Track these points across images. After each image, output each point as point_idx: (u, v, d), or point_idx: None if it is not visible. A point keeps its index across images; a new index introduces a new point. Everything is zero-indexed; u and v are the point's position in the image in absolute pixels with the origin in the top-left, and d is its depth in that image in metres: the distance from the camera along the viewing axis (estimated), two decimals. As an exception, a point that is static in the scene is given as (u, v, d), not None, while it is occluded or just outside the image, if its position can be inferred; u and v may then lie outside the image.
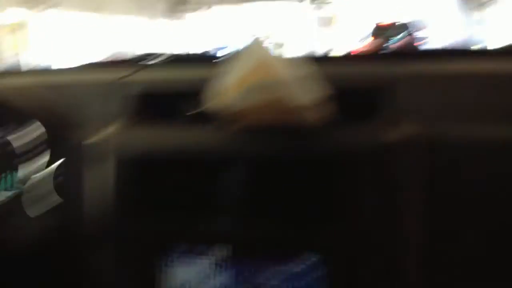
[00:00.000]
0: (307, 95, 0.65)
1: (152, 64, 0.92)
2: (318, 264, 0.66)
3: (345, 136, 0.68)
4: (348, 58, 0.99)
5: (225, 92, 0.67)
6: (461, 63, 0.80)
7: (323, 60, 0.91)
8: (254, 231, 0.68)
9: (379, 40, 8.08)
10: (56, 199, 0.87)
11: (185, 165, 0.71)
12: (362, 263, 0.66)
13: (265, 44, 0.68)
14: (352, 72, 0.81)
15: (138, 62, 0.93)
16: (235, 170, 0.69)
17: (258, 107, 0.66)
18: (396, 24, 8.52)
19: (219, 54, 1.02)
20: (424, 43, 8.27)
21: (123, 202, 0.71)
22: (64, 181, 0.77)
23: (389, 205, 0.65)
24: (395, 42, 7.98)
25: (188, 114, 0.77)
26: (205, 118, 0.71)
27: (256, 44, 0.68)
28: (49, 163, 0.77)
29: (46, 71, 1.02)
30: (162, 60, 0.94)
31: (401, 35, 8.14)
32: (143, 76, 0.87)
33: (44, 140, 0.87)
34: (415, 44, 8.09)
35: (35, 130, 0.85)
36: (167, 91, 0.82)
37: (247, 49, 0.68)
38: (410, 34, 8.21)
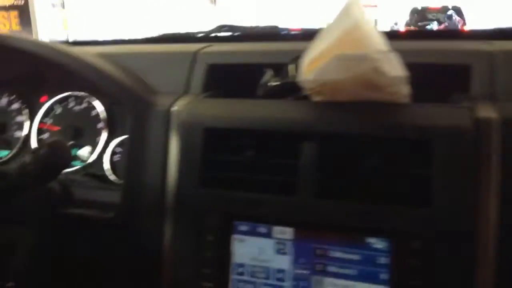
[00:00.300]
0: (393, 71, 0.62)
1: (228, 37, 0.92)
2: (383, 250, 0.63)
3: (428, 117, 0.65)
4: (421, 34, 0.95)
5: (309, 63, 0.65)
6: None
7: (396, 37, 0.87)
8: (319, 213, 0.66)
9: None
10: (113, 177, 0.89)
11: (260, 140, 0.70)
12: (430, 251, 0.61)
13: (359, 9, 0.64)
14: (425, 50, 0.78)
15: (216, 34, 0.93)
16: (311, 147, 0.66)
17: (342, 81, 0.63)
18: (442, 7, 8.26)
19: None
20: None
21: (192, 174, 0.71)
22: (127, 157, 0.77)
23: (465, 189, 0.61)
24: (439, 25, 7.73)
25: (268, 87, 0.76)
26: (285, 91, 0.70)
27: (347, 9, 0.64)
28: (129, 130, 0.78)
29: (126, 41, 1.04)
30: (238, 33, 0.93)
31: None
32: (221, 48, 0.87)
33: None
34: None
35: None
36: (246, 64, 0.82)
37: (337, 16, 0.65)
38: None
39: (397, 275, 0.62)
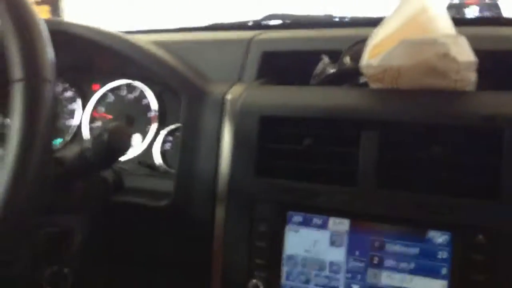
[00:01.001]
0: (463, 56, 0.59)
1: (280, 25, 0.91)
2: (444, 244, 0.60)
3: (496, 105, 0.61)
4: (486, 21, 0.91)
5: (373, 48, 0.63)
6: None
7: (463, 22, 0.83)
8: (379, 204, 0.63)
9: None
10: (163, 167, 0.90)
11: (317, 128, 0.68)
12: (494, 246, 0.58)
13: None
14: (492, 36, 0.76)
15: (266, 22, 0.92)
16: (371, 136, 0.64)
17: (408, 67, 0.61)
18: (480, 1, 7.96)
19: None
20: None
21: (246, 163, 0.70)
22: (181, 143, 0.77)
23: None
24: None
25: (324, 74, 0.74)
26: (342, 78, 0.68)
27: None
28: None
29: (179, 29, 1.04)
30: (289, 21, 0.92)
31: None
32: (275, 35, 0.86)
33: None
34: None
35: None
36: (301, 51, 0.80)
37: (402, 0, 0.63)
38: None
39: (458, 270, 0.59)
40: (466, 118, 0.61)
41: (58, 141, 1.00)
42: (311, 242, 0.66)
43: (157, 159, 0.91)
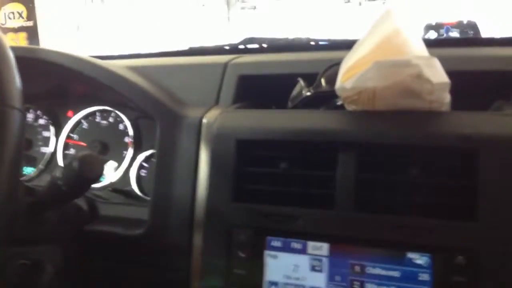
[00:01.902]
0: (436, 77, 0.60)
1: (256, 49, 0.91)
2: (425, 266, 0.59)
3: (472, 125, 0.62)
4: (456, 42, 0.92)
5: (347, 71, 0.63)
6: None
7: (436, 43, 0.84)
8: (358, 227, 0.63)
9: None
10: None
11: (294, 151, 0.67)
12: (475, 267, 0.57)
13: (396, 16, 0.63)
14: (465, 56, 0.76)
15: (243, 46, 0.92)
16: (348, 158, 0.64)
17: (381, 88, 0.61)
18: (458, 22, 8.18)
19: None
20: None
21: (223, 187, 0.69)
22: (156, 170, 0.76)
23: None
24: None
25: (300, 97, 0.74)
26: (318, 101, 0.68)
27: (385, 16, 0.63)
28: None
29: (153, 54, 1.04)
30: (266, 45, 0.92)
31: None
32: (251, 59, 0.86)
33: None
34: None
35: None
36: (277, 74, 0.80)
37: (376, 22, 0.63)
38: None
39: None
40: (441, 139, 0.61)
41: (31, 170, 0.97)
42: (291, 267, 0.64)
43: (134, 186, 0.89)
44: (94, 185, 0.88)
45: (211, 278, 0.68)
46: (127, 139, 0.92)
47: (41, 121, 1.00)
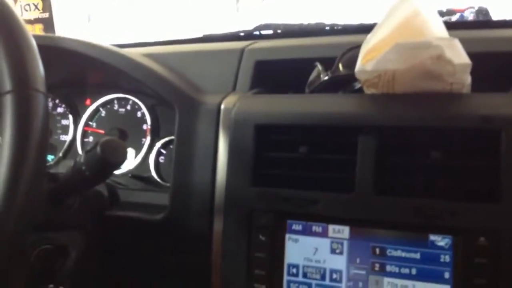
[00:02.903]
0: (458, 58, 0.59)
1: (272, 34, 0.91)
2: (446, 248, 0.59)
3: (493, 106, 0.61)
4: (476, 24, 0.91)
5: (367, 53, 0.62)
6: None
7: (454, 26, 0.84)
8: (378, 210, 0.63)
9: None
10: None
11: (313, 136, 0.67)
12: (496, 248, 0.57)
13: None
14: (485, 38, 0.76)
15: (259, 32, 0.92)
16: (368, 141, 0.63)
17: (402, 71, 0.60)
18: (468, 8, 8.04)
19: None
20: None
21: (243, 172, 0.69)
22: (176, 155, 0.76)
23: None
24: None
25: (318, 81, 0.74)
26: (336, 85, 0.68)
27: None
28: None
29: (170, 41, 1.04)
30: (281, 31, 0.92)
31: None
32: (268, 44, 0.86)
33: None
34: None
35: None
36: (294, 59, 0.80)
37: (395, 4, 0.63)
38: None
39: (461, 274, 0.58)
40: (463, 120, 0.60)
41: (50, 158, 0.99)
42: (311, 250, 0.65)
43: (153, 172, 0.90)
44: (114, 172, 0.89)
45: (232, 262, 0.69)
46: (145, 126, 0.93)
47: (60, 110, 1.01)
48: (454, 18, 1.27)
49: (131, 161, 0.91)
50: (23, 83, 0.53)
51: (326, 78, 0.72)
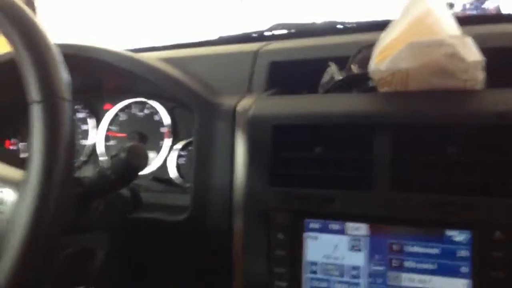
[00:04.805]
0: (470, 55, 0.60)
1: (285, 34, 0.92)
2: (464, 243, 0.60)
3: (507, 102, 0.61)
4: (491, 18, 0.91)
5: (380, 52, 0.63)
6: None
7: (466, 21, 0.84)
8: (396, 207, 0.63)
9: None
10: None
11: (329, 135, 0.68)
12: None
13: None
14: (498, 33, 0.76)
15: (272, 33, 0.93)
16: (384, 139, 0.64)
17: (415, 69, 0.61)
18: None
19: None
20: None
21: (261, 172, 0.70)
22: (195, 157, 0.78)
23: None
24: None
25: (332, 81, 0.75)
26: (350, 84, 0.68)
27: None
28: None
29: (184, 45, 1.05)
30: (294, 31, 0.93)
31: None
32: (281, 45, 0.86)
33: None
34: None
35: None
36: (308, 59, 0.81)
37: (408, 3, 0.64)
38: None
39: (479, 268, 0.59)
40: (477, 117, 0.61)
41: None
42: (330, 247, 0.66)
43: (173, 174, 0.92)
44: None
45: (253, 260, 0.70)
46: (163, 129, 0.94)
47: (80, 115, 1.03)
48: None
49: (152, 163, 0.93)
50: (51, 92, 0.55)
51: (340, 78, 0.73)
